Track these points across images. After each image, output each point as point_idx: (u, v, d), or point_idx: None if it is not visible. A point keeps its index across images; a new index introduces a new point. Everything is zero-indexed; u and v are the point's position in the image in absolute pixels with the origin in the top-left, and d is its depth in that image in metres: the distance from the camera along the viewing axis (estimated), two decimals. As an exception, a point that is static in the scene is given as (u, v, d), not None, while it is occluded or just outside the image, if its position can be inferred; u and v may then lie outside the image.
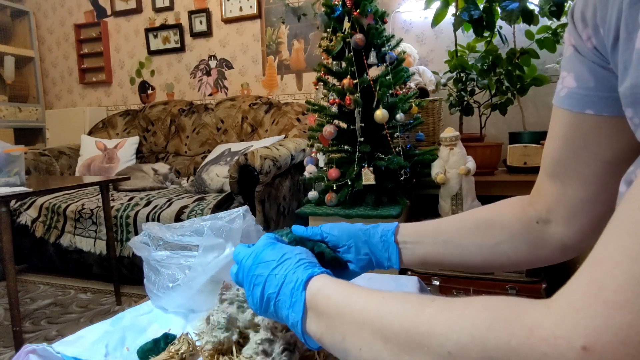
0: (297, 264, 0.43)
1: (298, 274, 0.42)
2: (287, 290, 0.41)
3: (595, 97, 0.43)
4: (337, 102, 1.72)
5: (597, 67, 0.42)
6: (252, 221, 0.74)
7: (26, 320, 1.92)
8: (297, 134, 2.71)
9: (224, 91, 3.27)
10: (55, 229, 2.39)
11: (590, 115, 0.44)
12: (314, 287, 0.40)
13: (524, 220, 0.53)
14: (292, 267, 0.43)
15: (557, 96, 0.48)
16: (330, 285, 0.40)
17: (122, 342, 0.64)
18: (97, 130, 3.39)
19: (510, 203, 0.56)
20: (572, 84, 0.45)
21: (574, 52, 0.45)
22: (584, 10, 0.42)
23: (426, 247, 0.56)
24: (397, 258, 0.56)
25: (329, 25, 1.77)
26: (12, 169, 1.68)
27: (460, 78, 2.02)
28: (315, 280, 0.41)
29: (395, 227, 0.57)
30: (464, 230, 0.55)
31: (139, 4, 3.41)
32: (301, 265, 0.43)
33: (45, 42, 3.84)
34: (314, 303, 0.40)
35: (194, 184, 2.45)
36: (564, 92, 0.46)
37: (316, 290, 0.40)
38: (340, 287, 0.40)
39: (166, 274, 0.71)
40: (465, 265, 0.56)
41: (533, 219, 0.52)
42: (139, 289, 2.22)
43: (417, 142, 1.99)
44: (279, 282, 0.43)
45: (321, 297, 0.39)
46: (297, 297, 0.40)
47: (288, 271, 0.43)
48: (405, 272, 1.83)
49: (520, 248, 0.53)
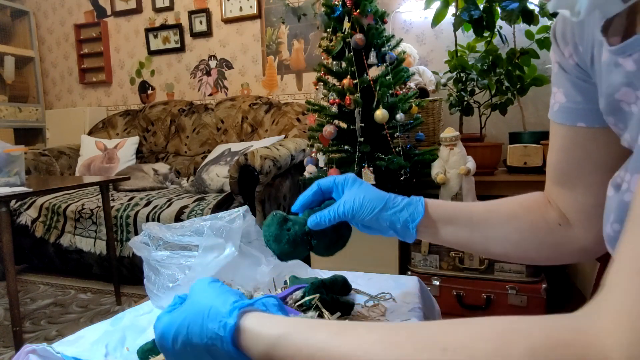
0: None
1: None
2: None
3: (585, 110, 0.45)
4: (337, 102, 1.72)
5: (581, 82, 0.45)
6: (252, 221, 0.74)
7: (26, 320, 1.92)
8: (297, 134, 2.71)
9: (224, 91, 3.27)
10: (55, 229, 2.39)
11: (583, 127, 0.46)
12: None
13: (549, 221, 0.53)
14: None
15: (552, 110, 0.50)
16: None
17: (122, 342, 0.64)
18: (97, 130, 3.39)
19: (537, 200, 0.56)
20: (563, 99, 0.47)
21: (559, 69, 0.47)
22: (564, 29, 0.45)
23: (454, 230, 0.55)
24: (412, 241, 0.56)
25: (329, 25, 1.77)
26: (12, 169, 1.68)
27: (460, 78, 2.02)
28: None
29: (420, 218, 0.55)
30: (493, 220, 0.55)
31: (139, 4, 3.41)
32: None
33: (45, 42, 3.84)
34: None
35: (194, 184, 2.45)
36: (556, 107, 0.48)
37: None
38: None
39: (166, 274, 0.71)
40: (487, 252, 0.56)
41: (556, 220, 0.53)
42: (139, 289, 2.22)
43: (417, 142, 1.98)
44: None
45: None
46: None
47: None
48: (405, 272, 1.83)
49: (542, 247, 0.53)
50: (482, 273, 1.69)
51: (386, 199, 0.55)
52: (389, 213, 0.54)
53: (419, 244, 1.77)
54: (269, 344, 0.35)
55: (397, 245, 1.81)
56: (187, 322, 0.38)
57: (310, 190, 0.60)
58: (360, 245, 1.69)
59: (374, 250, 1.78)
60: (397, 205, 0.55)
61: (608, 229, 0.38)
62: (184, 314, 0.39)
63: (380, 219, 0.54)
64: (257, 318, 0.37)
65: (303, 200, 0.61)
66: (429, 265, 1.77)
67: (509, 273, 1.65)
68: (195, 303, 0.40)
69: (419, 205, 0.55)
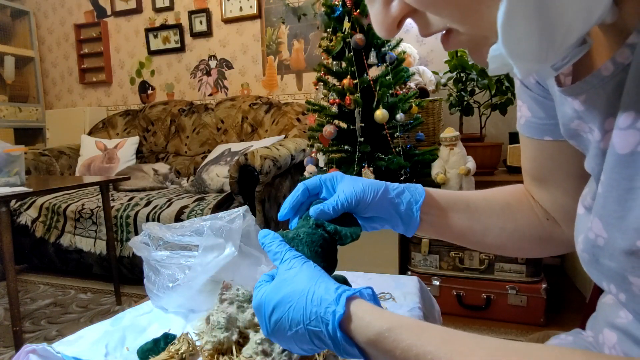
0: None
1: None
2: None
3: (550, 125, 0.46)
4: (337, 102, 1.72)
5: (542, 98, 0.45)
6: (252, 221, 0.74)
7: (26, 320, 1.92)
8: (297, 134, 2.71)
9: (224, 91, 3.27)
10: (55, 229, 2.39)
11: (550, 140, 0.47)
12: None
13: (538, 214, 0.54)
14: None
15: (519, 123, 0.51)
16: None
17: (122, 342, 0.64)
18: (97, 130, 3.39)
19: (524, 193, 0.56)
20: (528, 114, 0.48)
21: (521, 85, 0.48)
22: None
23: (452, 218, 0.54)
24: (415, 230, 0.54)
25: (329, 25, 1.77)
26: (12, 169, 1.68)
27: (460, 78, 2.02)
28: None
29: (422, 199, 0.54)
30: (490, 210, 0.55)
31: (139, 4, 3.41)
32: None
33: (45, 42, 3.84)
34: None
35: (194, 184, 2.45)
36: (523, 121, 0.49)
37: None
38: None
39: (166, 274, 0.71)
40: (482, 243, 0.55)
41: (544, 215, 0.54)
42: (139, 289, 2.22)
43: (417, 142, 1.99)
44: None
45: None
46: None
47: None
48: (405, 272, 1.83)
49: (532, 239, 0.54)
50: (482, 273, 1.69)
51: (385, 184, 0.54)
52: (391, 196, 0.53)
53: (419, 244, 1.77)
54: (378, 334, 0.36)
55: (397, 245, 1.81)
56: (288, 301, 0.39)
57: (297, 191, 0.53)
58: (360, 245, 1.69)
59: (374, 250, 1.78)
60: (397, 188, 0.54)
61: (580, 253, 0.38)
62: (283, 291, 0.40)
63: (383, 202, 0.52)
64: (364, 307, 0.38)
65: (292, 201, 0.53)
66: (429, 265, 1.77)
67: (509, 273, 1.65)
68: (291, 282, 0.41)
69: (419, 188, 0.55)
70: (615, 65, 0.30)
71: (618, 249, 0.31)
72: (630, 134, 0.29)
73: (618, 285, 0.34)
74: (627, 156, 0.29)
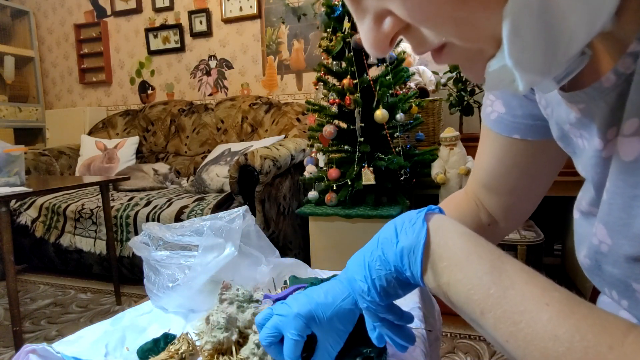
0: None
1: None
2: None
3: (522, 125, 0.48)
4: (337, 102, 1.72)
5: (523, 97, 0.46)
6: (252, 221, 0.74)
7: (26, 320, 1.92)
8: (297, 134, 2.71)
9: (224, 91, 3.27)
10: (55, 229, 2.39)
11: (518, 139, 0.49)
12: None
13: (483, 220, 0.57)
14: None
15: (488, 118, 0.52)
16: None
17: (122, 342, 0.64)
18: (97, 130, 3.39)
19: (471, 199, 0.59)
20: (502, 110, 0.49)
21: None
22: None
23: None
24: None
25: (329, 25, 1.77)
26: (12, 169, 1.68)
27: (460, 78, 2.02)
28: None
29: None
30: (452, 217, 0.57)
31: (139, 4, 3.41)
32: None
33: (45, 42, 3.84)
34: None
35: (194, 184, 2.45)
36: (494, 116, 0.50)
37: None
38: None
39: (166, 274, 0.71)
40: None
41: (486, 221, 0.57)
42: (139, 289, 2.22)
43: (417, 142, 1.99)
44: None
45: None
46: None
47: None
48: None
49: None
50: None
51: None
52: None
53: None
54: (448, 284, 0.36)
55: (397, 245, 1.81)
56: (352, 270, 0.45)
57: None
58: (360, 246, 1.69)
59: (374, 250, 1.77)
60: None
61: (582, 259, 0.39)
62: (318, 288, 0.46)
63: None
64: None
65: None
66: (429, 265, 1.77)
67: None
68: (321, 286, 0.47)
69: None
70: (617, 76, 0.30)
71: (622, 256, 0.31)
72: (634, 141, 0.29)
73: (621, 292, 0.34)
74: (631, 163, 0.30)
